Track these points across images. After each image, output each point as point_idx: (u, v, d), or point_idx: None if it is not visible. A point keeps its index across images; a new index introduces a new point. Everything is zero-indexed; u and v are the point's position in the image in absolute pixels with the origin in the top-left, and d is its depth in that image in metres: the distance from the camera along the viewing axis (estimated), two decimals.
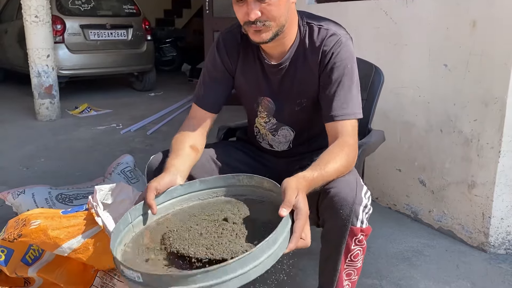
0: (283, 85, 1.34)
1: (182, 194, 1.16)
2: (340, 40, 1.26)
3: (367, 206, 1.16)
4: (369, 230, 1.18)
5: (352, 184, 1.14)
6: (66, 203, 2.13)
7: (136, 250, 1.00)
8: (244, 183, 1.14)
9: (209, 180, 1.17)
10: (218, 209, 1.09)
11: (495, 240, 1.91)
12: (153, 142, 3.78)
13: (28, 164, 3.20)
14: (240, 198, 1.13)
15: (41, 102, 4.59)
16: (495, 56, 1.79)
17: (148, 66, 6.25)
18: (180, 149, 1.27)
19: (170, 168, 1.18)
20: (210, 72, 1.39)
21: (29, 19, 4.38)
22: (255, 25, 1.17)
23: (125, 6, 6.13)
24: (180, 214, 1.12)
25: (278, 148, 1.46)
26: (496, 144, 1.83)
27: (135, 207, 1.08)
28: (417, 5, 2.10)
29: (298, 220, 0.94)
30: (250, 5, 1.14)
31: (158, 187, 1.10)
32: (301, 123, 1.39)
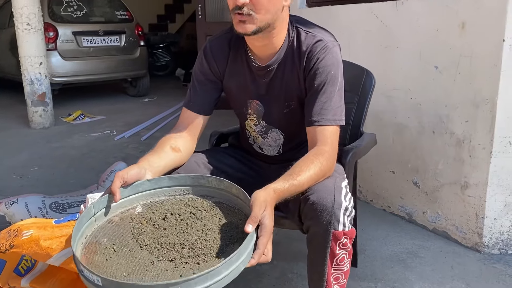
0: (271, 88, 1.34)
1: (148, 189, 1.15)
2: (326, 46, 1.26)
3: (348, 209, 1.16)
4: (353, 233, 1.18)
5: (330, 188, 1.15)
6: (59, 212, 2.12)
7: (97, 244, 0.99)
8: (213, 185, 1.14)
9: (178, 177, 1.17)
10: (185, 205, 1.10)
11: (489, 240, 1.92)
12: (147, 148, 3.76)
13: (22, 172, 3.19)
14: (208, 199, 1.13)
15: (35, 109, 4.58)
16: (484, 58, 1.81)
17: (141, 72, 6.24)
18: (159, 147, 1.28)
19: (142, 162, 1.19)
20: (198, 76, 1.40)
21: (21, 27, 4.37)
22: (241, 13, 1.16)
23: (118, 12, 6.13)
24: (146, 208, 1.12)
25: (268, 153, 1.46)
26: (488, 145, 1.84)
27: (100, 199, 1.08)
28: (407, 8, 2.11)
29: (262, 237, 0.95)
30: None
31: (125, 176, 1.10)
32: (290, 126, 1.40)
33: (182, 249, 0.94)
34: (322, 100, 1.24)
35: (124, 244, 0.99)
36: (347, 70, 1.81)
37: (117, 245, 0.98)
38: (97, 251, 0.96)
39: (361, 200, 2.54)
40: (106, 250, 0.96)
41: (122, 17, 6.13)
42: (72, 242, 0.93)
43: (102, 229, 1.05)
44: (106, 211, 1.09)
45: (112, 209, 1.10)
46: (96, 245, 0.99)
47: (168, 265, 0.91)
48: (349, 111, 1.76)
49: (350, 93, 1.79)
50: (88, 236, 1.02)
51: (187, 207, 1.09)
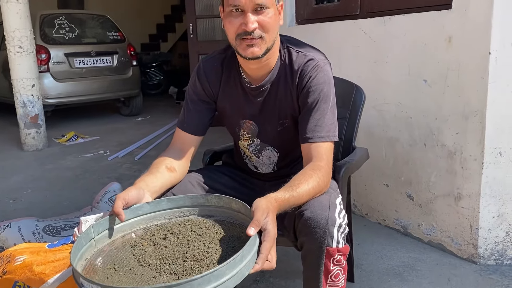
0: (265, 107, 1.36)
1: (148, 212, 1.15)
2: (317, 65, 1.29)
3: (341, 226, 1.17)
4: (346, 250, 1.18)
5: (324, 205, 1.16)
6: (53, 235, 2.10)
7: (97, 266, 0.98)
8: (213, 203, 1.14)
9: (176, 199, 1.17)
10: (185, 225, 1.09)
11: (484, 251, 1.92)
12: (141, 168, 3.76)
13: (15, 195, 3.16)
14: (209, 218, 1.13)
15: (27, 132, 4.56)
16: (472, 70, 1.84)
17: (134, 91, 6.26)
18: (154, 168, 1.28)
19: (139, 183, 1.19)
20: (192, 97, 1.41)
21: (13, 50, 4.38)
22: (251, 36, 1.18)
23: (110, 33, 6.17)
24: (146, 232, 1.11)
25: (263, 170, 1.47)
26: (479, 156, 1.85)
27: (100, 221, 1.07)
28: (395, 23, 2.15)
29: (265, 242, 0.94)
30: (249, 15, 1.16)
31: (126, 197, 1.10)
32: (285, 144, 1.41)
33: (184, 262, 0.94)
34: (316, 117, 1.26)
35: (125, 264, 0.98)
36: (338, 86, 1.83)
37: (118, 265, 0.97)
38: (97, 271, 0.96)
39: (356, 214, 2.54)
40: (107, 270, 0.96)
41: (114, 37, 6.17)
42: (72, 260, 0.92)
43: (102, 252, 1.04)
44: (106, 233, 1.08)
45: (112, 232, 1.10)
46: (96, 266, 0.98)
47: (171, 278, 0.90)
48: (340, 126, 1.77)
49: (341, 108, 1.80)
50: (88, 259, 1.01)
51: (187, 226, 1.09)
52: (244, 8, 1.17)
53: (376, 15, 2.25)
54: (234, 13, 1.19)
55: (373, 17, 2.26)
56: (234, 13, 1.19)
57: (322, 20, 2.60)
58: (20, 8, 4.29)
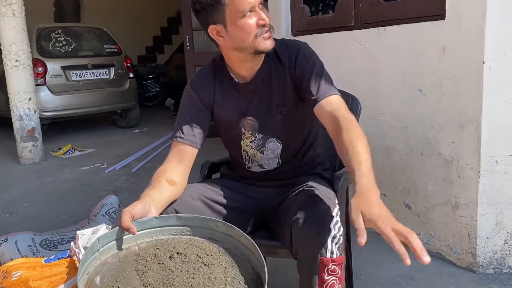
0: (261, 99, 1.40)
1: (155, 226, 1.14)
2: (295, 43, 1.39)
3: (336, 237, 1.17)
4: (341, 260, 1.19)
5: (321, 215, 1.18)
6: (50, 249, 2.09)
7: (97, 283, 0.96)
8: (221, 230, 1.11)
9: (185, 217, 1.15)
10: (191, 246, 1.08)
11: (482, 260, 1.92)
12: (138, 180, 3.76)
13: (12, 209, 3.15)
14: (215, 243, 1.11)
15: (24, 145, 4.55)
16: (466, 80, 1.85)
17: (131, 103, 6.27)
18: (156, 181, 1.28)
19: (144, 197, 1.20)
20: (187, 108, 1.42)
21: (10, 64, 4.39)
22: (268, 29, 1.29)
23: (106, 45, 6.19)
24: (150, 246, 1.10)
25: (269, 167, 1.47)
26: (475, 165, 1.86)
27: (106, 234, 1.06)
28: (389, 34, 2.17)
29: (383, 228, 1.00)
30: (260, 12, 1.27)
31: (132, 211, 1.10)
32: (286, 132, 1.42)
33: None
34: (316, 80, 1.32)
35: (127, 281, 0.96)
36: None
37: (120, 282, 0.96)
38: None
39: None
40: (108, 287, 0.94)
41: (111, 50, 6.20)
42: (78, 280, 0.91)
43: (105, 265, 1.03)
44: (110, 245, 1.07)
45: (118, 244, 1.09)
46: (97, 284, 0.96)
47: None
48: None
49: None
50: (90, 272, 1.00)
51: (193, 248, 1.07)
52: (255, 8, 1.26)
53: (371, 26, 2.28)
54: (248, 15, 1.26)
55: (368, 28, 2.28)
56: (249, 15, 1.26)
57: (318, 31, 2.62)
58: (17, 22, 4.31)
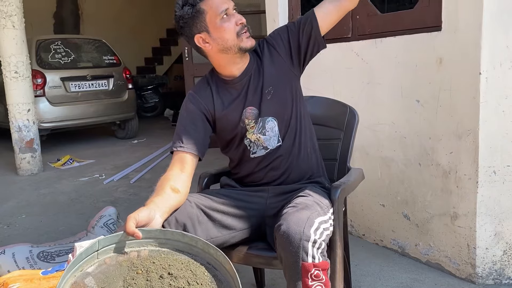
0: (253, 87, 1.49)
1: (159, 237, 1.14)
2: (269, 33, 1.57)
3: (316, 242, 1.20)
4: (325, 265, 1.21)
5: (301, 221, 1.21)
6: (48, 261, 2.08)
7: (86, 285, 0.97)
8: (220, 260, 1.09)
9: (190, 237, 1.14)
10: (186, 270, 1.07)
11: (482, 271, 1.92)
12: (137, 191, 3.75)
13: (9, 221, 3.13)
14: (212, 271, 1.09)
15: (22, 156, 4.55)
16: (463, 90, 1.86)
17: (130, 114, 6.28)
18: (160, 189, 1.31)
19: (149, 204, 1.22)
20: (188, 117, 1.48)
21: (9, 75, 4.41)
22: (246, 29, 1.42)
23: (105, 57, 6.22)
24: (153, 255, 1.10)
25: (271, 146, 1.51)
26: (473, 175, 1.87)
27: (107, 237, 1.06)
28: (386, 46, 2.18)
29: None
30: (235, 14, 1.42)
31: (137, 218, 1.12)
32: (277, 108, 1.50)
33: None
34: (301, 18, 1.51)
35: None
36: (331, 108, 1.86)
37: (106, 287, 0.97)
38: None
39: (353, 234, 2.53)
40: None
41: (110, 61, 6.22)
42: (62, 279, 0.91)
43: (100, 266, 1.04)
44: (112, 247, 1.08)
45: (120, 247, 1.09)
46: (85, 285, 0.97)
47: None
48: (335, 147, 1.79)
49: (335, 129, 1.83)
50: (84, 271, 1.01)
51: (187, 272, 1.06)
52: (230, 11, 1.41)
53: (368, 37, 2.29)
54: (225, 17, 1.40)
55: (365, 40, 2.30)
56: (225, 17, 1.40)
57: None
58: (16, 34, 4.34)
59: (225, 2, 1.41)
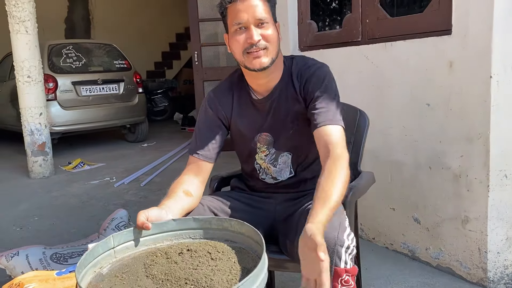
0: (277, 116, 1.43)
1: (173, 229, 1.16)
2: (314, 64, 1.41)
3: (349, 248, 1.19)
4: (354, 270, 1.19)
5: (334, 226, 1.19)
6: (61, 263, 2.10)
7: (106, 274, 1.00)
8: (236, 229, 1.13)
9: (202, 219, 1.17)
10: (205, 244, 1.10)
11: (493, 275, 1.90)
12: (147, 194, 3.78)
13: (22, 223, 3.17)
14: (231, 244, 1.12)
15: (34, 159, 4.61)
16: (474, 94, 1.86)
17: (140, 118, 6.33)
18: (172, 192, 1.32)
19: (160, 205, 1.23)
20: (204, 124, 1.47)
21: (22, 80, 4.47)
22: (256, 48, 1.31)
23: (116, 61, 6.29)
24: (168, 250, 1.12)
25: (282, 177, 1.49)
26: (484, 179, 1.86)
27: (121, 232, 1.08)
28: (396, 49, 2.19)
29: (324, 273, 0.97)
30: (251, 30, 1.30)
31: (147, 214, 1.13)
32: (296, 145, 1.46)
33: (185, 284, 0.94)
34: (323, 106, 1.33)
35: (132, 272, 1.00)
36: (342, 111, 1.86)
37: (126, 273, 0.99)
38: (104, 279, 0.98)
39: (364, 238, 2.53)
40: (113, 278, 0.98)
41: (120, 65, 6.29)
42: (77, 270, 0.93)
43: (120, 261, 1.06)
44: (127, 245, 1.10)
45: (135, 244, 1.11)
46: (104, 275, 1.00)
47: None
48: None
49: (345, 133, 1.83)
50: (104, 268, 1.03)
51: (206, 246, 1.09)
52: (247, 25, 1.31)
53: (378, 41, 2.30)
54: (239, 31, 1.32)
55: (375, 43, 2.31)
56: (239, 31, 1.32)
57: (325, 46, 2.65)
58: (29, 39, 4.40)
59: (245, 15, 1.31)
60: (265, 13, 1.31)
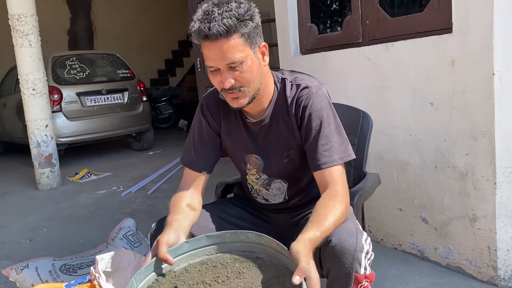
0: (268, 141, 1.38)
1: (188, 250, 1.15)
2: (310, 92, 1.31)
3: (368, 252, 1.17)
4: (373, 276, 1.18)
5: (352, 231, 1.16)
6: (70, 274, 2.11)
7: None
8: (253, 240, 1.12)
9: (215, 235, 1.16)
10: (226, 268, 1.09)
11: (504, 273, 1.89)
12: (154, 202, 3.79)
13: (31, 235, 3.19)
14: (250, 254, 1.12)
15: (42, 171, 4.64)
16: (477, 92, 1.85)
17: (145, 126, 6.36)
18: (178, 207, 1.30)
19: (173, 223, 1.20)
20: (198, 135, 1.43)
21: (27, 92, 4.51)
22: (231, 91, 1.23)
23: (119, 70, 6.33)
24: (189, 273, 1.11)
25: (274, 201, 1.47)
26: (491, 176, 1.85)
27: (141, 270, 1.07)
28: (397, 49, 2.18)
29: None
30: (224, 74, 1.21)
31: (169, 242, 1.12)
32: (292, 174, 1.41)
33: None
34: (323, 143, 1.27)
35: None
36: (344, 113, 1.86)
37: None
38: None
39: (372, 239, 2.48)
40: None
41: (124, 75, 6.32)
42: None
43: None
44: (148, 279, 1.09)
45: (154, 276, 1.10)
46: None
47: None
48: None
49: (349, 136, 1.81)
50: None
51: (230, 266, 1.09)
52: (219, 68, 1.21)
53: (379, 42, 2.30)
54: (213, 71, 1.24)
55: (376, 44, 2.30)
56: (213, 71, 1.23)
57: (326, 49, 2.65)
58: (33, 52, 4.45)
59: (215, 60, 1.20)
60: (238, 53, 1.18)
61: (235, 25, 1.16)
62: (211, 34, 1.15)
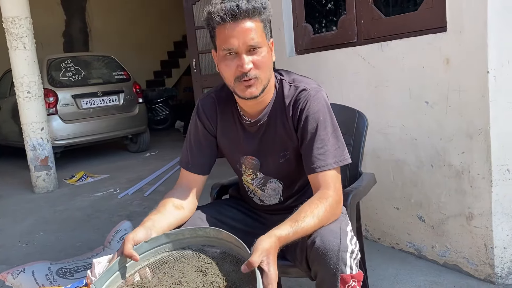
0: (264, 141, 1.37)
1: (148, 249, 1.16)
2: (308, 95, 1.30)
3: (354, 252, 1.17)
4: (360, 276, 1.18)
5: (335, 232, 1.16)
6: (67, 278, 2.11)
7: None
8: (212, 235, 1.14)
9: (174, 233, 1.18)
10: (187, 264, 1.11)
11: (501, 270, 1.89)
12: (151, 204, 3.78)
13: (27, 239, 3.18)
14: (210, 248, 1.13)
15: (38, 174, 4.62)
16: (472, 90, 1.86)
17: (141, 128, 6.35)
18: (162, 206, 1.30)
19: (147, 222, 1.21)
20: (194, 137, 1.43)
21: (22, 95, 4.49)
22: (247, 77, 1.21)
23: (115, 72, 6.31)
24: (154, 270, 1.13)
25: (269, 202, 1.47)
26: (487, 174, 1.85)
27: (102, 275, 1.08)
28: (392, 49, 2.19)
29: (269, 285, 0.96)
30: (243, 56, 1.20)
31: (135, 238, 1.13)
32: (288, 175, 1.41)
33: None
34: (318, 146, 1.26)
35: None
36: (340, 113, 1.86)
37: None
38: None
39: (369, 239, 2.52)
40: None
41: (120, 77, 6.31)
42: None
43: None
44: (116, 275, 1.10)
45: (123, 272, 1.12)
46: None
47: None
48: None
49: (345, 135, 1.81)
50: None
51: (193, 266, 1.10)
52: (238, 51, 1.20)
53: (373, 41, 2.30)
54: (228, 56, 1.22)
55: (371, 44, 2.31)
56: (229, 56, 1.22)
57: (321, 49, 2.65)
58: (27, 55, 4.43)
59: (236, 41, 1.18)
60: (258, 38, 1.20)
61: (260, 8, 1.19)
62: (240, 11, 1.16)
